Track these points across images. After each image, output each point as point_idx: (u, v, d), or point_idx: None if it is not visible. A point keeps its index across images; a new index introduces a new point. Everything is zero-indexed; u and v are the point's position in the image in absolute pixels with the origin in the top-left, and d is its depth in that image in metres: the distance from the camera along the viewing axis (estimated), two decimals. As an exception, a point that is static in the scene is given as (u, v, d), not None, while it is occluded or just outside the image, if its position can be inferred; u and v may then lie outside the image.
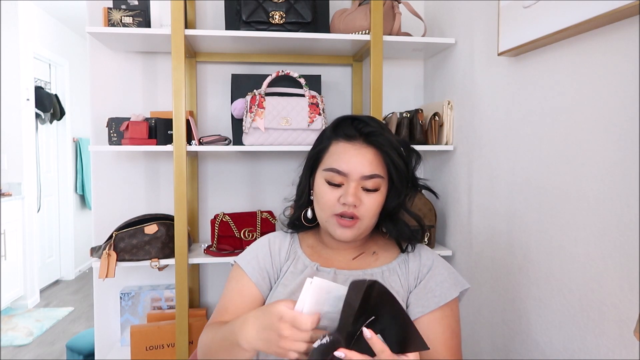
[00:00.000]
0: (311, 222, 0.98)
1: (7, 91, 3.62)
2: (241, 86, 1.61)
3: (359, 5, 1.62)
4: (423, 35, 1.71)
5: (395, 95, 1.90)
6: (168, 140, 1.57)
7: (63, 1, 3.81)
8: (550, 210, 1.09)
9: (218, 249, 1.60)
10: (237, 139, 1.60)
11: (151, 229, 1.51)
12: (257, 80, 1.59)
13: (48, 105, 4.08)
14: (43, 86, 4.20)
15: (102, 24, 1.55)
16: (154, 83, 1.76)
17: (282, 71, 1.55)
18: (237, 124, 1.60)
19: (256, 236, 1.62)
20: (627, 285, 0.87)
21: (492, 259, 1.36)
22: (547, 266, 1.10)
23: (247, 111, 1.50)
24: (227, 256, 1.56)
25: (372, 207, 0.89)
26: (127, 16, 1.50)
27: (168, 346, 1.58)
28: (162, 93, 1.76)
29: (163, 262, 1.52)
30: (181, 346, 1.51)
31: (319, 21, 1.66)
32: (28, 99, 3.75)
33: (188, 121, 1.54)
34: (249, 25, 1.54)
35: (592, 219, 0.96)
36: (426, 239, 1.62)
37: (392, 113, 1.65)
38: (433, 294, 0.89)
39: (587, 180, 0.97)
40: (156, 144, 1.52)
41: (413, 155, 0.94)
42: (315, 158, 0.95)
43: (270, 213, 1.68)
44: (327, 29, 1.68)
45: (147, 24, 1.53)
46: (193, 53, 1.70)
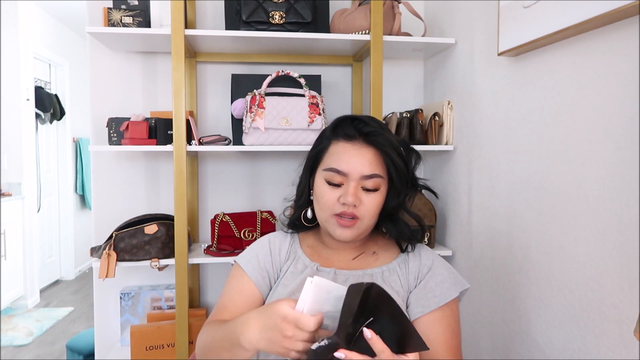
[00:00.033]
0: (311, 222, 0.98)
1: (7, 91, 3.62)
2: (241, 86, 1.61)
3: (359, 5, 1.62)
4: (423, 35, 1.71)
5: (395, 95, 1.90)
6: (168, 140, 1.57)
7: (63, 1, 3.81)
8: (550, 210, 1.09)
9: (218, 249, 1.60)
10: (237, 139, 1.60)
11: (151, 229, 1.51)
12: (257, 80, 1.59)
13: (48, 105, 4.09)
14: (43, 86, 4.20)
15: (102, 24, 1.56)
16: (154, 83, 1.76)
17: (282, 71, 1.55)
18: (237, 124, 1.60)
19: (256, 236, 1.62)
20: (627, 285, 0.87)
21: (492, 259, 1.36)
22: (547, 266, 1.10)
23: (247, 111, 1.50)
24: (227, 256, 1.56)
25: (372, 207, 0.89)
26: (127, 16, 1.50)
27: (168, 346, 1.58)
28: (162, 93, 1.76)
29: (163, 262, 1.52)
30: (181, 346, 1.51)
31: (319, 21, 1.66)
32: (28, 99, 3.75)
33: (188, 121, 1.54)
34: (249, 25, 1.54)
35: (592, 219, 0.96)
36: (426, 239, 1.62)
37: (392, 113, 1.65)
38: (433, 294, 0.89)
39: (587, 180, 0.97)
40: (156, 144, 1.52)
41: (413, 155, 0.94)
42: (315, 158, 0.95)
43: (270, 213, 1.68)
44: (327, 29, 1.68)
45: (147, 24, 1.53)
46: (193, 53, 1.70)
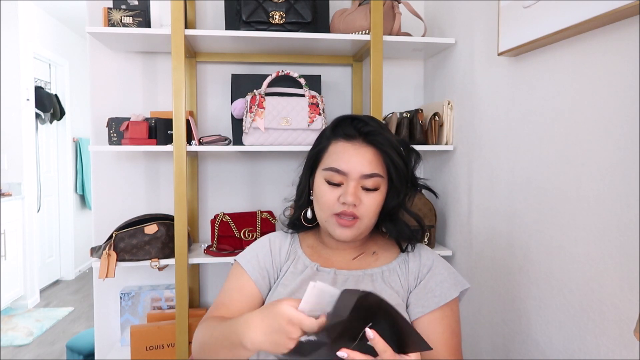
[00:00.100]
0: (311, 222, 0.98)
1: (7, 91, 3.62)
2: (241, 86, 1.61)
3: (359, 5, 1.62)
4: (423, 35, 1.71)
5: (395, 95, 1.90)
6: (168, 140, 1.57)
7: (63, 1, 3.81)
8: (550, 210, 1.09)
9: (218, 249, 1.60)
10: (237, 139, 1.60)
11: (151, 229, 1.51)
12: (257, 80, 1.59)
13: (48, 105, 4.09)
14: (43, 86, 4.20)
15: (102, 24, 1.55)
16: (154, 83, 1.76)
17: (282, 71, 1.55)
18: (237, 124, 1.60)
19: (256, 236, 1.62)
20: (627, 285, 0.87)
21: (492, 259, 1.36)
22: (547, 266, 1.10)
23: (247, 111, 1.50)
24: (227, 256, 1.56)
25: (372, 207, 0.89)
26: (127, 16, 1.50)
27: (168, 346, 1.58)
28: (162, 93, 1.76)
29: (163, 262, 1.52)
30: (181, 346, 1.51)
31: (319, 21, 1.66)
32: (28, 99, 3.76)
33: (188, 121, 1.54)
34: (249, 25, 1.54)
35: (592, 219, 0.96)
36: (426, 239, 1.62)
37: (392, 113, 1.65)
38: (433, 294, 0.89)
39: (587, 180, 0.97)
40: (156, 144, 1.52)
41: (412, 154, 0.94)
42: (314, 158, 0.95)
43: (270, 213, 1.68)
44: (327, 29, 1.68)
45: (147, 24, 1.53)
46: (193, 53, 1.70)
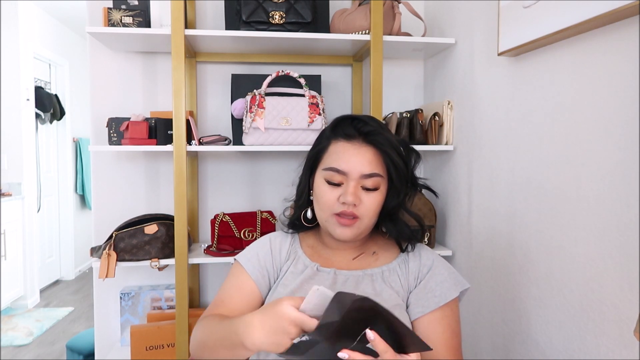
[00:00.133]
0: (311, 222, 0.98)
1: (7, 91, 3.62)
2: (241, 86, 1.61)
3: (359, 5, 1.62)
4: (423, 35, 1.71)
5: (395, 95, 1.90)
6: (168, 140, 1.57)
7: (63, 1, 3.81)
8: (550, 210, 1.09)
9: (218, 249, 1.60)
10: (237, 139, 1.60)
11: (151, 229, 1.51)
12: (257, 80, 1.59)
13: (48, 105, 4.09)
14: (43, 86, 4.20)
15: (102, 24, 1.55)
16: (154, 83, 1.76)
17: (282, 71, 1.55)
18: (237, 124, 1.60)
19: (256, 236, 1.62)
20: (627, 285, 0.87)
21: (492, 259, 1.36)
22: (547, 266, 1.10)
23: (247, 111, 1.50)
24: (227, 256, 1.56)
25: (372, 206, 0.89)
26: (127, 16, 1.50)
27: (168, 346, 1.58)
28: (162, 93, 1.76)
29: (163, 262, 1.52)
30: (181, 346, 1.51)
31: (319, 21, 1.66)
32: (28, 99, 3.75)
33: (188, 121, 1.54)
34: (249, 25, 1.54)
35: (592, 219, 0.96)
36: (426, 239, 1.62)
37: (392, 113, 1.65)
38: (433, 294, 0.89)
39: (587, 180, 0.97)
40: (156, 144, 1.52)
41: (412, 154, 0.94)
42: (314, 158, 0.95)
43: (270, 213, 1.68)
44: (327, 29, 1.68)
45: (147, 24, 1.53)
46: (193, 53, 1.70)
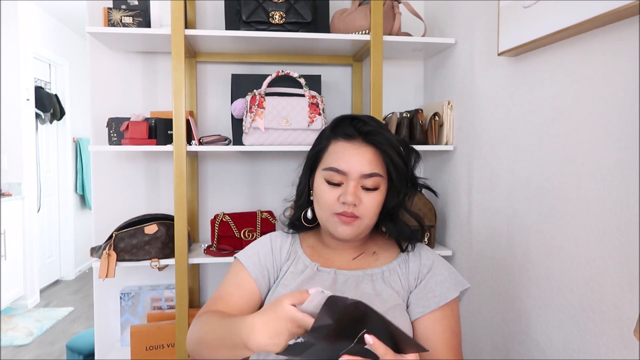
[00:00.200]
0: (311, 223, 0.98)
1: (7, 91, 3.62)
2: (241, 86, 1.61)
3: (359, 5, 1.62)
4: (423, 35, 1.71)
5: (395, 95, 1.90)
6: (168, 140, 1.57)
7: (63, 1, 3.81)
8: (550, 210, 1.09)
9: (218, 249, 1.60)
10: (237, 139, 1.60)
11: (151, 229, 1.51)
12: (257, 80, 1.59)
13: (48, 105, 4.08)
14: (43, 86, 4.20)
15: (102, 24, 1.56)
16: (154, 83, 1.76)
17: (282, 71, 1.55)
18: (237, 124, 1.60)
19: (256, 236, 1.62)
20: (627, 285, 0.87)
21: (492, 259, 1.36)
22: (547, 266, 1.10)
23: (247, 111, 1.50)
24: (227, 256, 1.56)
25: (372, 206, 0.89)
26: (127, 16, 1.50)
27: (168, 346, 1.58)
28: (162, 93, 1.76)
29: (163, 262, 1.52)
30: (181, 346, 1.51)
31: (319, 21, 1.66)
32: (28, 99, 3.75)
33: (188, 121, 1.54)
34: (249, 25, 1.54)
35: (592, 219, 0.96)
36: (426, 239, 1.62)
37: (392, 113, 1.65)
38: (433, 294, 0.89)
39: (587, 180, 0.97)
40: (156, 144, 1.52)
41: (412, 154, 0.94)
42: (314, 158, 0.95)
43: (270, 213, 1.68)
44: (327, 29, 1.68)
45: (147, 24, 1.53)
46: (193, 53, 1.70)
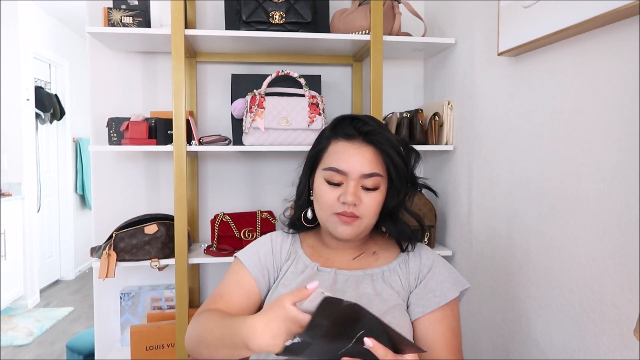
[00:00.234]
0: (311, 223, 0.98)
1: (7, 91, 3.62)
2: (241, 86, 1.61)
3: (359, 5, 1.62)
4: (423, 35, 1.71)
5: (395, 95, 1.90)
6: (168, 140, 1.57)
7: (63, 1, 3.81)
8: (550, 210, 1.09)
9: (218, 249, 1.60)
10: (237, 139, 1.60)
11: (151, 229, 1.51)
12: (257, 80, 1.59)
13: (48, 105, 4.08)
14: (43, 86, 4.20)
15: (102, 24, 1.56)
16: (154, 83, 1.76)
17: (282, 71, 1.55)
18: (237, 124, 1.60)
19: (256, 236, 1.62)
20: (627, 285, 0.87)
21: (492, 259, 1.36)
22: (547, 266, 1.10)
23: (247, 111, 1.50)
24: (227, 256, 1.56)
25: (372, 206, 0.89)
26: (127, 16, 1.50)
27: (168, 346, 1.58)
28: (162, 93, 1.76)
29: (163, 262, 1.52)
30: (181, 346, 1.51)
31: (319, 21, 1.66)
32: (28, 99, 3.75)
33: (188, 121, 1.54)
34: (249, 25, 1.54)
35: (592, 219, 0.96)
36: (426, 239, 1.62)
37: (392, 113, 1.65)
38: (433, 294, 0.89)
39: (587, 180, 0.97)
40: (156, 144, 1.52)
41: (412, 154, 0.94)
42: (314, 158, 0.95)
43: (270, 213, 1.68)
44: (327, 29, 1.68)
45: (147, 24, 1.53)
46: (193, 53, 1.70)
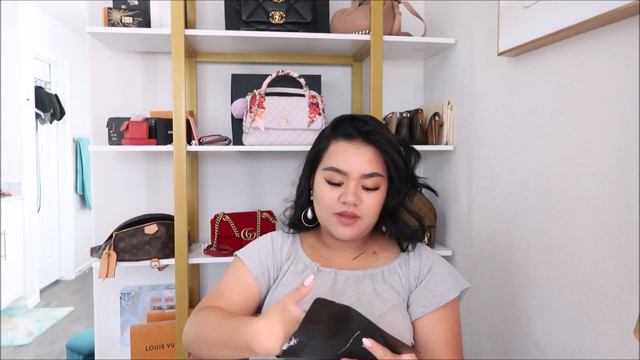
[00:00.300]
0: (311, 223, 0.98)
1: (7, 91, 3.62)
2: (241, 86, 1.61)
3: (359, 5, 1.62)
4: (423, 35, 1.71)
5: (395, 95, 1.90)
6: (168, 140, 1.57)
7: (63, 1, 3.81)
8: (550, 210, 1.09)
9: (218, 249, 1.60)
10: (237, 139, 1.60)
11: (151, 229, 1.51)
12: (257, 80, 1.59)
13: (48, 105, 4.08)
14: (43, 86, 4.20)
15: (102, 24, 1.56)
16: (154, 83, 1.76)
17: (282, 71, 1.55)
18: (237, 124, 1.60)
19: (256, 236, 1.62)
20: (627, 285, 0.87)
21: (492, 259, 1.36)
22: (547, 266, 1.10)
23: (247, 111, 1.50)
24: (227, 256, 1.56)
25: (373, 206, 0.89)
26: (127, 16, 1.50)
27: (168, 346, 1.58)
28: (162, 93, 1.76)
29: (163, 262, 1.52)
30: (181, 346, 1.51)
31: (319, 21, 1.66)
32: (28, 99, 3.75)
33: (188, 121, 1.54)
34: (249, 25, 1.54)
35: (592, 219, 0.96)
36: (426, 239, 1.62)
37: (392, 113, 1.65)
38: (433, 294, 0.89)
39: (587, 180, 0.97)
40: (156, 144, 1.52)
41: (412, 154, 0.94)
42: (314, 158, 0.95)
43: (270, 213, 1.68)
44: (327, 29, 1.68)
45: (147, 24, 1.53)
46: (193, 53, 1.70)
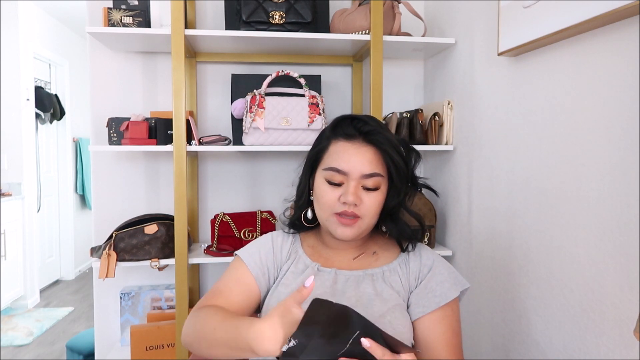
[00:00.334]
0: (311, 223, 0.98)
1: (7, 91, 3.62)
2: (241, 86, 1.61)
3: (359, 5, 1.62)
4: (423, 35, 1.71)
5: (395, 95, 1.90)
6: (168, 140, 1.57)
7: (63, 1, 3.81)
8: (550, 210, 1.09)
9: (218, 249, 1.60)
10: (237, 139, 1.60)
11: (151, 229, 1.51)
12: (257, 80, 1.59)
13: (48, 105, 4.08)
14: (43, 86, 4.20)
15: (102, 24, 1.56)
16: (154, 83, 1.76)
17: (282, 71, 1.55)
18: (237, 124, 1.60)
19: (256, 236, 1.62)
20: (627, 285, 0.87)
21: (492, 259, 1.36)
22: (547, 266, 1.10)
23: (247, 111, 1.50)
24: (227, 256, 1.56)
25: (373, 206, 0.89)
26: (127, 16, 1.50)
27: (168, 346, 1.58)
28: (162, 93, 1.76)
29: (163, 262, 1.52)
30: (181, 346, 1.51)
31: (319, 21, 1.66)
32: (28, 99, 3.75)
33: (188, 121, 1.54)
34: (249, 25, 1.54)
35: (592, 219, 0.96)
36: (426, 239, 1.62)
37: (392, 113, 1.65)
38: (434, 294, 0.89)
39: (587, 180, 0.97)
40: (156, 144, 1.52)
41: (412, 154, 0.94)
42: (314, 158, 0.95)
43: (270, 213, 1.68)
44: (327, 29, 1.68)
45: (147, 24, 1.53)
46: (193, 53, 1.70)
